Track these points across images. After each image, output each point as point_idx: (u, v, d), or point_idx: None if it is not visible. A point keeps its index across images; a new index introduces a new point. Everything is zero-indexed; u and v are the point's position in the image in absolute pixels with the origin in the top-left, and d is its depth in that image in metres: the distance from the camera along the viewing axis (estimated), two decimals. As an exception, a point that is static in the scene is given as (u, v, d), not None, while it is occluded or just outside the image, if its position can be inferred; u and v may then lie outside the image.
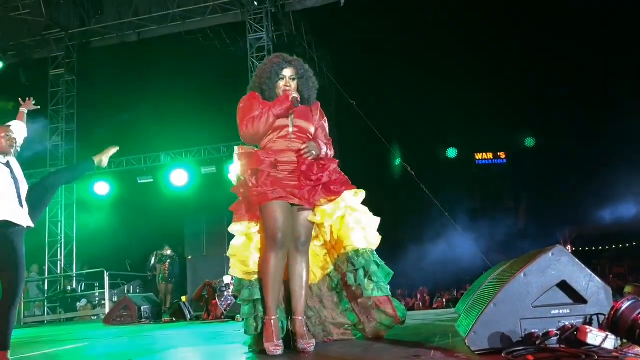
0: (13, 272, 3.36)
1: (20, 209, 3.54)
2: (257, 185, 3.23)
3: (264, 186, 3.21)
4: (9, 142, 3.64)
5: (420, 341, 3.34)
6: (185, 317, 9.54)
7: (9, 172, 3.59)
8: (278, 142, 3.33)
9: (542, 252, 2.66)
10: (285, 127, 3.34)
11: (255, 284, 3.31)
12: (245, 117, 3.35)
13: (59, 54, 14.77)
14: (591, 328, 2.41)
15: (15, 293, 3.34)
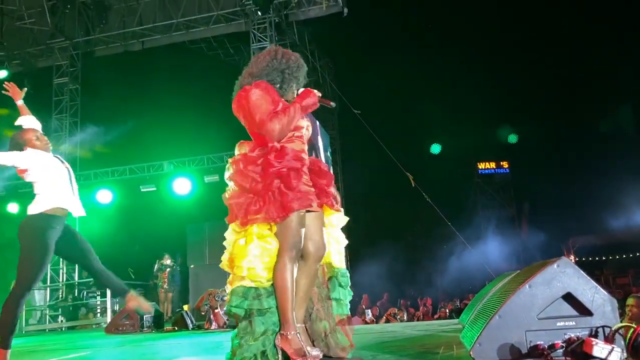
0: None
1: (74, 198, 3.81)
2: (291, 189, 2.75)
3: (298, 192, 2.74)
4: (42, 141, 3.90)
5: (425, 352, 3.32)
6: (188, 326, 9.50)
7: (61, 162, 3.93)
8: (296, 142, 2.91)
9: (547, 263, 2.65)
10: (301, 127, 2.95)
11: (262, 293, 2.77)
12: (268, 110, 2.81)
13: (64, 63, 14.84)
14: (597, 340, 2.40)
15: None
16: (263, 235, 2.76)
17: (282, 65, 2.95)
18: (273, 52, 3.00)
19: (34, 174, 3.83)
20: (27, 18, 14.45)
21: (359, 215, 19.34)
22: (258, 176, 2.81)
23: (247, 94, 2.89)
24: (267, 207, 2.72)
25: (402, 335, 4.85)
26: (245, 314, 2.74)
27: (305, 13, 13.33)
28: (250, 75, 3.01)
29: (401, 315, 10.30)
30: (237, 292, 2.75)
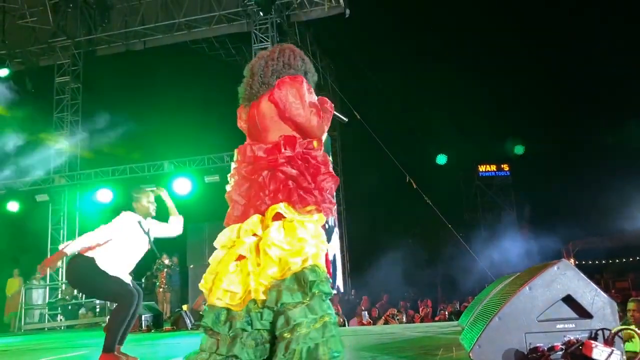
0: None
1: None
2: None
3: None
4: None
5: (424, 354, 3.32)
6: (187, 326, 9.50)
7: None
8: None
9: (548, 265, 2.65)
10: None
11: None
12: (316, 105, 2.75)
13: (65, 62, 14.85)
14: (597, 343, 2.40)
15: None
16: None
17: (306, 68, 2.87)
18: (299, 52, 2.88)
19: None
20: (29, 16, 14.47)
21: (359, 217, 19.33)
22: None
23: (301, 83, 2.72)
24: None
25: (402, 336, 4.85)
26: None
27: (307, 14, 13.33)
28: (289, 66, 2.83)
29: (400, 316, 10.29)
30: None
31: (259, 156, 2.70)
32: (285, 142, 2.68)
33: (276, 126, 2.74)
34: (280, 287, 2.45)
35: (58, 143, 14.57)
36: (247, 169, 2.72)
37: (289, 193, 2.61)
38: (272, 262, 2.49)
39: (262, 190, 2.63)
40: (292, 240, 2.53)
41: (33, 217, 14.55)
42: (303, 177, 2.65)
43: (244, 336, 2.45)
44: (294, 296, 2.43)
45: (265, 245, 2.51)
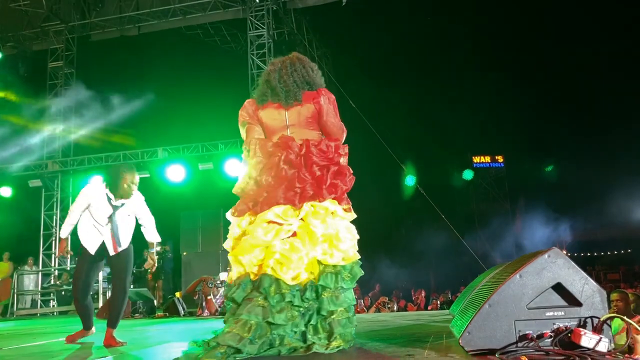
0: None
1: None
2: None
3: None
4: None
5: (414, 341, 3.33)
6: (179, 313, 9.51)
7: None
8: None
9: (539, 254, 2.66)
10: None
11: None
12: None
13: (59, 47, 14.71)
14: (585, 330, 2.41)
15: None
16: None
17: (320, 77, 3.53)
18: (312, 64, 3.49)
19: None
20: (21, 0, 14.28)
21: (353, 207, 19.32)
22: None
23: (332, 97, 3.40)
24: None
25: (393, 324, 4.87)
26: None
27: (304, 1, 13.24)
28: (314, 74, 3.44)
29: (392, 305, 10.34)
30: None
31: (322, 150, 3.15)
32: (334, 145, 3.21)
33: (310, 126, 3.22)
34: (338, 272, 2.98)
35: (51, 128, 14.47)
36: (295, 160, 3.09)
37: (336, 190, 3.13)
38: (338, 251, 3.01)
39: (318, 181, 3.09)
40: (352, 236, 3.13)
41: (26, 202, 14.49)
42: (344, 177, 3.19)
43: (289, 308, 2.84)
44: (346, 282, 2.99)
45: (334, 238, 3.02)
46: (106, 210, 4.34)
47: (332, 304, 2.92)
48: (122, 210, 4.41)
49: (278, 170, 3.09)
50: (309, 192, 3.05)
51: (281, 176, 3.08)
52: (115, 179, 4.34)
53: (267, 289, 2.86)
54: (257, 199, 3.15)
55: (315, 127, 3.27)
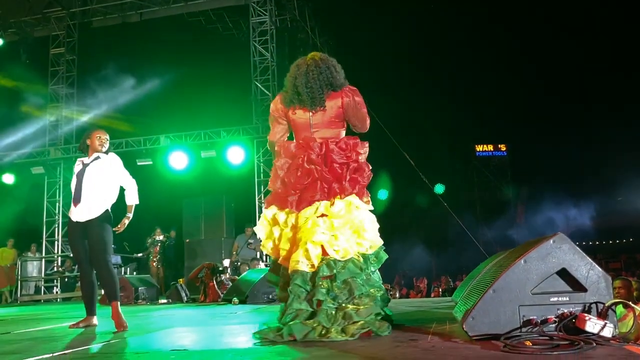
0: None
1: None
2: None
3: None
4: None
5: (418, 326, 3.33)
6: (182, 299, 9.55)
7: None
8: None
9: (544, 239, 2.64)
10: None
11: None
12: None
13: (60, 33, 14.63)
14: (590, 316, 2.40)
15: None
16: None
17: (343, 74, 3.62)
18: (333, 61, 3.60)
19: None
20: (22, -15, 14.21)
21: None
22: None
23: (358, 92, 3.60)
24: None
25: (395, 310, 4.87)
26: None
27: (306, -12, 13.13)
28: (338, 74, 3.56)
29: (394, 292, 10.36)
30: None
31: (342, 148, 3.39)
32: (356, 143, 3.44)
33: (328, 125, 3.47)
34: (368, 256, 3.29)
35: (53, 115, 14.45)
36: (316, 159, 3.37)
37: (356, 185, 3.37)
38: (364, 240, 3.30)
39: (338, 178, 3.34)
40: (375, 225, 3.40)
41: (28, 189, 14.51)
42: (362, 173, 3.43)
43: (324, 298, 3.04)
44: (373, 265, 3.34)
45: (360, 229, 3.30)
46: (78, 171, 4.46)
47: (365, 286, 3.17)
48: (93, 166, 4.47)
49: (304, 170, 3.38)
50: (335, 188, 3.34)
51: (308, 175, 3.38)
52: (85, 139, 4.57)
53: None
54: (286, 198, 3.42)
55: (338, 124, 3.53)
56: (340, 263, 3.14)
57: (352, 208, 3.31)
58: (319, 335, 2.89)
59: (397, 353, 2.39)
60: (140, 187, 5.14)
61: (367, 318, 3.00)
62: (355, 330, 2.91)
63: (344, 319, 2.99)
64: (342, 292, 3.09)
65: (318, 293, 3.04)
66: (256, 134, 12.92)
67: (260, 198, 12.99)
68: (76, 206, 4.37)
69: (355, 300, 3.07)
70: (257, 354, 2.65)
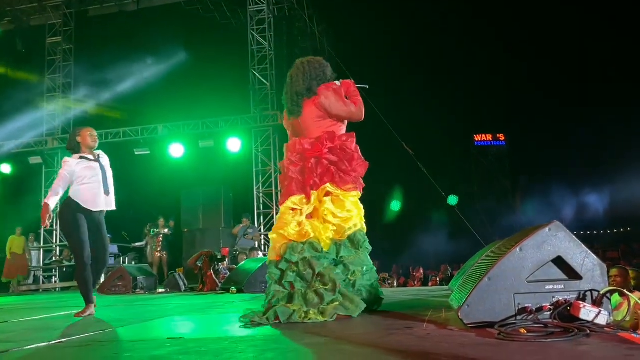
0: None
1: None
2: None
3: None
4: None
5: (413, 314, 3.34)
6: (180, 288, 9.58)
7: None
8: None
9: (539, 227, 2.63)
10: None
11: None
12: (353, 101, 3.86)
13: (57, 22, 14.55)
14: (584, 304, 2.40)
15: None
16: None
17: (326, 70, 3.96)
18: (317, 61, 3.96)
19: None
20: (18, -27, 14.10)
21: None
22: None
23: (334, 86, 3.85)
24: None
25: (393, 299, 4.89)
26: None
27: (304, -24, 13.03)
28: (317, 76, 3.88)
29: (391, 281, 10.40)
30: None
31: (307, 148, 3.70)
32: (327, 137, 3.69)
33: (317, 124, 3.76)
34: (340, 243, 3.50)
35: (50, 105, 14.39)
36: (297, 157, 3.73)
37: (332, 175, 3.64)
38: (332, 226, 3.56)
39: (312, 173, 3.64)
40: (343, 211, 3.59)
41: (26, 179, 14.49)
42: (342, 162, 3.67)
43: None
44: (349, 251, 3.51)
45: (324, 214, 3.57)
46: (98, 166, 4.70)
47: (331, 268, 3.47)
48: (105, 161, 4.81)
49: (284, 171, 3.81)
50: (313, 182, 3.65)
51: (290, 172, 3.74)
52: (74, 137, 4.74)
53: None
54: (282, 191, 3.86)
55: (326, 121, 3.79)
56: (299, 245, 3.46)
57: (323, 197, 3.61)
58: (300, 317, 3.16)
59: (392, 340, 2.40)
60: (138, 176, 5.28)
61: (335, 296, 3.27)
62: (332, 311, 3.19)
63: (318, 299, 3.27)
64: (306, 270, 3.40)
65: (287, 276, 3.42)
66: (254, 124, 12.89)
67: (259, 188, 12.99)
68: (108, 196, 4.71)
69: (321, 279, 3.35)
70: (253, 341, 2.65)
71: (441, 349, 2.11)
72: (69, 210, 4.58)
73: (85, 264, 4.49)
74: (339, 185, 3.63)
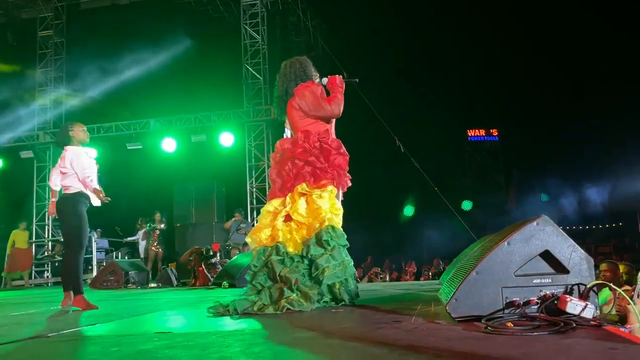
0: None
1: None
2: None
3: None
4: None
5: (403, 308, 3.34)
6: (172, 283, 9.56)
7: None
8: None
9: (527, 221, 2.64)
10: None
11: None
12: (324, 96, 3.90)
13: (48, 15, 14.42)
14: (571, 297, 2.41)
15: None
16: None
17: (306, 69, 4.06)
18: (299, 61, 4.07)
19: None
20: (9, -34, 13.96)
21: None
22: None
23: (311, 86, 3.91)
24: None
25: (383, 293, 4.90)
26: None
27: (298, -30, 12.97)
28: (297, 76, 4.00)
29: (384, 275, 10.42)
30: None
31: (285, 148, 3.86)
32: (303, 136, 3.80)
33: (300, 124, 3.87)
34: (308, 243, 3.59)
35: (42, 99, 14.29)
36: (279, 158, 3.89)
37: (305, 176, 3.72)
38: (302, 226, 3.68)
39: (288, 174, 3.78)
40: (312, 209, 3.66)
41: (18, 173, 14.39)
42: (318, 160, 3.74)
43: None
44: (317, 249, 3.55)
45: (293, 215, 3.69)
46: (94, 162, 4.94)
47: (292, 269, 3.60)
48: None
49: (270, 169, 4.01)
50: (291, 185, 3.78)
51: (270, 175, 3.96)
52: (67, 132, 4.93)
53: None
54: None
55: (307, 119, 3.88)
56: (267, 249, 3.68)
57: (297, 199, 3.72)
58: (257, 308, 3.35)
59: (380, 334, 2.40)
60: (130, 171, 5.33)
61: (292, 293, 3.42)
62: (284, 304, 3.33)
63: (278, 295, 3.44)
64: (271, 272, 3.63)
65: (258, 277, 3.67)
66: (247, 118, 12.85)
67: (252, 183, 12.96)
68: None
69: (281, 279, 3.54)
70: (241, 335, 2.65)
71: (428, 342, 2.12)
72: (83, 204, 4.75)
73: (82, 255, 4.68)
74: (313, 183, 3.73)
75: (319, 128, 3.89)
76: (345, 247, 3.69)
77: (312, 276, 3.55)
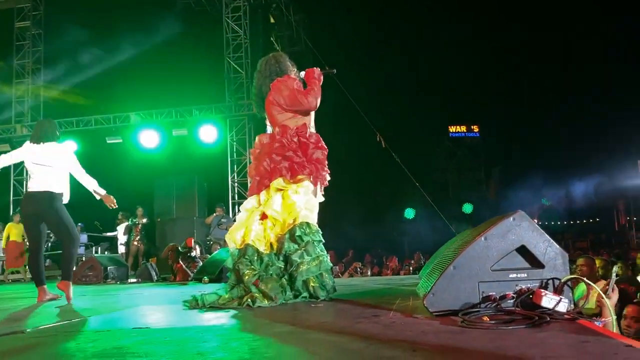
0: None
1: None
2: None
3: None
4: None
5: (381, 303, 3.37)
6: (152, 279, 9.48)
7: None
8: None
9: (504, 217, 2.68)
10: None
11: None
12: (300, 89, 3.91)
13: (25, 6, 14.14)
14: (546, 292, 2.45)
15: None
16: None
17: (280, 66, 4.07)
18: (275, 57, 4.11)
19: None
20: (-16, -45, 13.66)
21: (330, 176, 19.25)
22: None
23: (287, 80, 3.91)
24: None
25: (363, 288, 4.93)
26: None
27: (281, -36, 12.91)
28: (273, 72, 4.01)
29: (365, 270, 10.46)
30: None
31: (264, 143, 3.89)
32: (281, 131, 3.82)
33: (278, 118, 3.88)
34: (282, 239, 3.61)
35: (19, 91, 14.03)
36: (258, 153, 3.91)
37: (281, 170, 3.73)
38: (276, 222, 3.71)
39: (266, 170, 3.79)
40: (286, 205, 3.68)
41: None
42: (296, 154, 3.75)
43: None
44: (292, 245, 3.58)
45: (267, 211, 3.72)
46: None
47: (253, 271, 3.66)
48: None
49: (251, 166, 4.07)
50: (268, 180, 3.80)
51: (249, 171, 4.04)
52: (56, 130, 5.17)
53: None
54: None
55: (285, 114, 3.90)
56: (236, 252, 3.76)
57: (272, 195, 3.75)
58: (222, 302, 3.50)
59: (358, 328, 2.41)
60: (110, 165, 5.27)
61: (255, 290, 3.50)
62: (246, 300, 3.43)
63: (245, 292, 3.55)
64: (239, 273, 3.65)
65: (231, 276, 3.76)
66: (229, 113, 12.78)
67: (234, 177, 12.91)
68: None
69: (248, 278, 3.59)
70: (220, 330, 2.65)
71: (404, 336, 2.14)
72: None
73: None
74: (290, 178, 3.74)
75: (297, 122, 3.89)
76: (320, 243, 3.70)
77: (288, 272, 3.57)
